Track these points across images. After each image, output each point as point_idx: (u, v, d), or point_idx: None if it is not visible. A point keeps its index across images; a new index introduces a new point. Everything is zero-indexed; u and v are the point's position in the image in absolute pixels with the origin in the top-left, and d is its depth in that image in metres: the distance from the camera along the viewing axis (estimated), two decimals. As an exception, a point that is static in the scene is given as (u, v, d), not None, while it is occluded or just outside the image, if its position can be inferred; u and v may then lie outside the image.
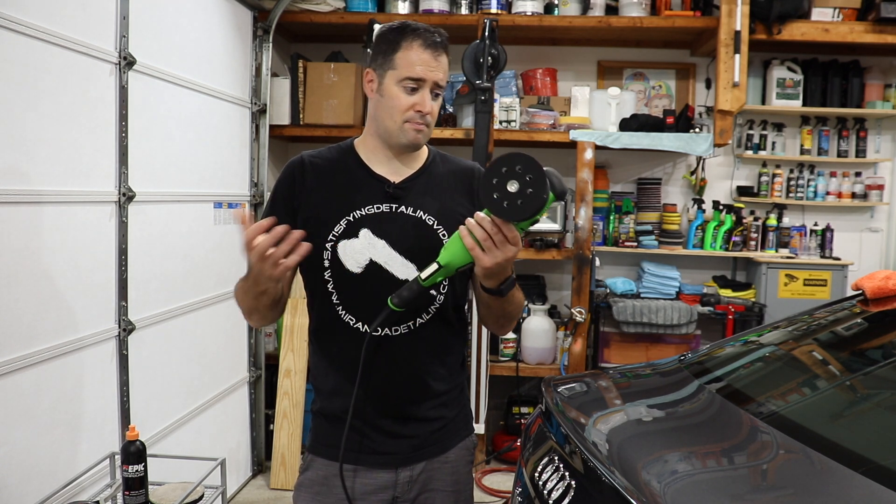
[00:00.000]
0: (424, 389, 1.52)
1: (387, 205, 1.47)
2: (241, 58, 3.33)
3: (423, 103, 1.43)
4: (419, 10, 3.84)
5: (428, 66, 1.43)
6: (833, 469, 1.17)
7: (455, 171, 1.56)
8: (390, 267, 1.45)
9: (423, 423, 1.53)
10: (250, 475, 3.51)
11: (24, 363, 1.92)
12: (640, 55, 4.23)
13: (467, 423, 1.63)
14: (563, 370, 3.67)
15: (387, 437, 1.50)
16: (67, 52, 2.07)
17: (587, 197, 3.64)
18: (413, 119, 1.44)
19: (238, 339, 3.37)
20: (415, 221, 1.48)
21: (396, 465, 1.51)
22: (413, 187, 1.50)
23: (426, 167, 1.54)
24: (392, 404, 1.50)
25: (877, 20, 3.64)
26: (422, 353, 1.50)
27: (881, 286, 1.82)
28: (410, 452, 1.52)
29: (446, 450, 1.56)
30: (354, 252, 1.45)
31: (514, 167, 1.19)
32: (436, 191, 1.51)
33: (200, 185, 2.94)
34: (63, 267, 2.08)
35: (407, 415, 1.51)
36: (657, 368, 1.88)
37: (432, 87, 1.44)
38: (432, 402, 1.53)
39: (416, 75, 1.42)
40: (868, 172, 4.19)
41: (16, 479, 1.90)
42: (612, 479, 1.21)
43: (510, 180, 1.19)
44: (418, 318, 1.48)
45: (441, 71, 1.45)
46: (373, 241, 1.45)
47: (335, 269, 1.46)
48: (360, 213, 1.46)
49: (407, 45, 1.44)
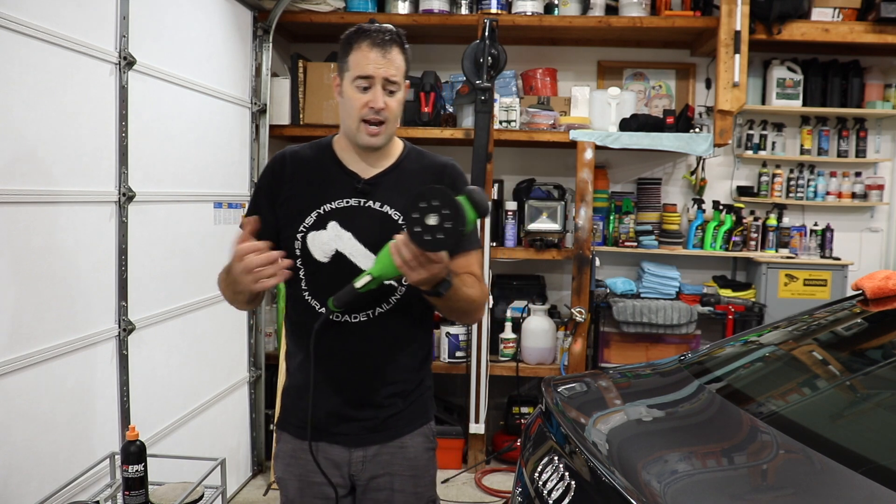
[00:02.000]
0: (380, 376, 1.59)
1: (355, 199, 1.56)
2: (241, 58, 3.33)
3: (374, 100, 1.50)
4: (419, 9, 3.84)
5: (376, 63, 1.49)
6: (833, 469, 1.17)
7: (427, 168, 1.63)
8: (354, 258, 1.54)
9: (377, 409, 1.60)
10: (250, 475, 3.51)
11: (24, 363, 1.92)
12: (640, 55, 4.23)
13: (425, 412, 1.69)
14: (563, 370, 3.67)
15: (341, 419, 1.60)
16: (67, 52, 2.07)
17: (587, 197, 3.64)
18: (367, 116, 1.51)
19: (238, 339, 3.37)
20: (380, 216, 1.56)
21: (349, 445, 1.60)
22: (382, 183, 1.58)
23: (398, 164, 1.61)
24: (347, 388, 1.59)
25: (877, 20, 3.64)
26: (379, 341, 1.58)
27: (881, 286, 1.82)
28: (363, 434, 1.60)
29: (401, 435, 1.63)
30: (322, 243, 1.55)
31: (430, 202, 1.27)
32: (405, 186, 1.57)
33: (200, 185, 2.94)
34: (63, 267, 2.08)
35: (361, 399, 1.59)
36: (657, 368, 1.88)
37: (384, 83, 1.51)
38: (388, 390, 1.60)
39: (364, 73, 1.50)
40: (868, 172, 4.19)
41: (16, 479, 1.90)
42: (612, 479, 1.21)
43: (429, 214, 1.27)
44: (378, 308, 1.56)
45: (392, 67, 1.51)
46: (340, 233, 1.55)
47: (305, 257, 1.56)
48: (330, 206, 1.55)
49: (357, 46, 1.52)
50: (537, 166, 4.17)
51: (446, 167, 1.64)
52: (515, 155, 4.19)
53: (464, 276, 1.56)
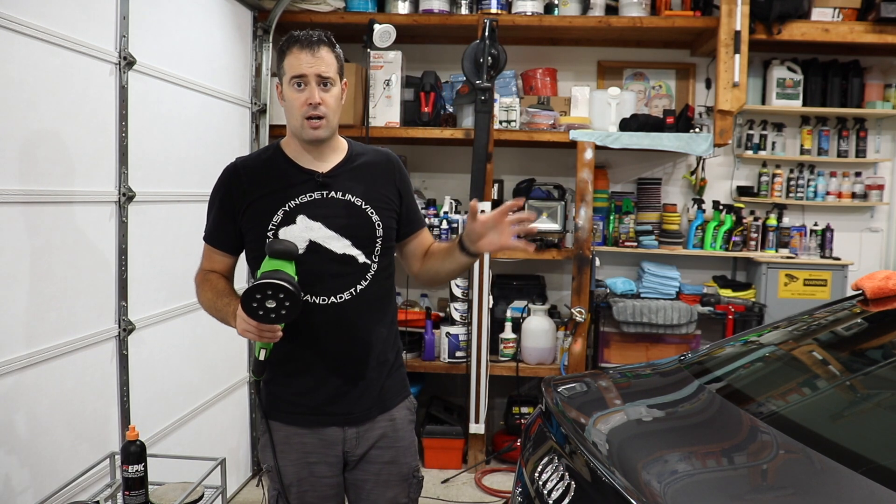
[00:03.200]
0: (369, 350, 1.71)
1: (318, 192, 1.67)
2: (241, 58, 3.33)
3: (311, 96, 1.61)
4: (419, 9, 3.84)
5: (307, 63, 1.61)
6: (833, 469, 1.17)
7: (375, 158, 1.77)
8: (329, 244, 1.65)
9: (368, 382, 1.71)
10: (250, 475, 3.50)
11: (24, 363, 1.92)
12: (640, 55, 4.23)
13: (405, 385, 1.84)
14: (563, 370, 3.67)
15: (336, 398, 1.69)
16: (67, 52, 2.07)
17: (587, 197, 3.64)
18: (307, 113, 1.62)
19: (238, 339, 3.37)
20: (344, 203, 1.68)
21: (343, 424, 1.70)
22: (340, 175, 1.70)
23: (349, 157, 1.74)
24: (341, 365, 1.69)
25: (877, 20, 3.64)
26: (366, 314, 1.70)
27: (881, 286, 1.82)
28: (357, 412, 1.71)
29: (389, 409, 1.76)
30: (294, 236, 1.64)
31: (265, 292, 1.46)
32: (360, 176, 1.72)
33: (200, 185, 2.93)
34: (63, 267, 2.08)
35: (355, 374, 1.70)
36: (657, 368, 1.88)
37: (317, 80, 1.62)
38: (375, 362, 1.72)
39: (296, 73, 1.62)
40: (868, 172, 4.19)
41: (16, 479, 1.90)
42: (612, 479, 1.21)
43: (267, 300, 1.46)
44: (357, 285, 1.68)
45: (322, 64, 1.62)
46: (309, 224, 1.65)
47: None
48: (295, 202, 1.66)
49: (289, 51, 1.65)
50: (537, 166, 4.17)
51: (391, 156, 1.80)
52: (515, 155, 4.19)
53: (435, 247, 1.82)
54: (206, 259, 1.82)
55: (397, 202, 1.76)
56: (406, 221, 1.80)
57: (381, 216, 1.71)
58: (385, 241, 1.72)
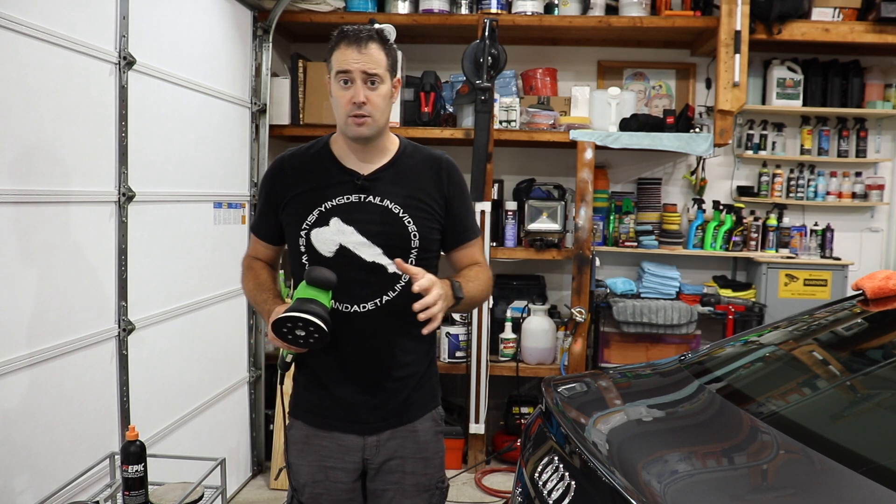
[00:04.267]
0: (391, 361, 1.66)
1: (356, 195, 1.63)
2: (241, 58, 3.33)
3: (355, 94, 1.56)
4: (419, 9, 3.84)
5: (353, 59, 1.56)
6: (833, 469, 1.17)
7: (423, 161, 1.70)
8: (359, 251, 1.61)
9: (389, 394, 1.67)
10: (250, 475, 3.51)
11: (24, 363, 1.92)
12: (640, 55, 4.23)
13: (434, 397, 1.78)
14: (563, 370, 3.67)
15: (355, 406, 1.66)
16: (67, 52, 2.07)
17: (587, 197, 3.64)
18: (352, 112, 1.57)
19: (238, 339, 3.37)
20: (381, 210, 1.62)
21: (363, 433, 1.67)
22: (382, 178, 1.64)
23: (395, 159, 1.68)
24: (361, 375, 1.66)
25: (877, 20, 3.64)
26: (388, 327, 1.64)
27: (881, 286, 1.82)
28: (376, 421, 1.67)
29: (412, 420, 1.71)
30: (325, 239, 1.62)
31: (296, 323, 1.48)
32: (403, 181, 1.65)
33: (200, 185, 2.94)
34: (63, 267, 2.08)
35: (374, 385, 1.66)
36: (657, 368, 1.88)
37: (363, 77, 1.56)
38: (400, 373, 1.68)
39: (342, 68, 1.57)
40: (868, 172, 4.19)
41: (16, 479, 1.90)
42: (612, 479, 1.21)
43: (297, 329, 1.48)
44: (384, 296, 1.63)
45: (370, 61, 1.56)
46: (342, 228, 1.61)
47: (310, 253, 1.64)
48: (331, 203, 1.62)
49: (337, 47, 1.59)
50: (537, 166, 4.17)
51: (441, 161, 1.71)
52: (515, 155, 4.19)
53: (467, 271, 1.72)
54: (252, 246, 1.81)
55: (441, 210, 1.68)
56: (453, 231, 1.71)
57: (418, 225, 1.63)
58: (422, 252, 1.64)
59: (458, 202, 1.71)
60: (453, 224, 1.71)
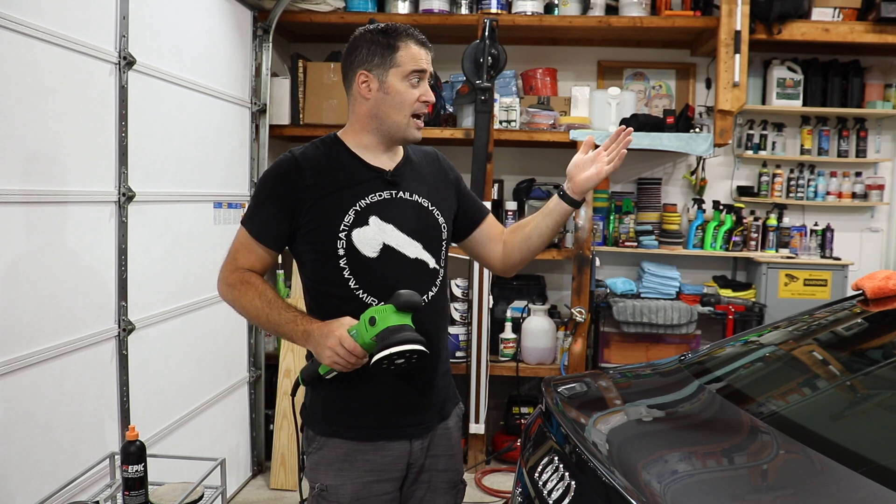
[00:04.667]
0: (437, 357, 1.64)
1: (387, 192, 1.58)
2: (241, 58, 3.33)
3: (427, 93, 1.57)
4: (419, 9, 3.84)
5: (425, 59, 1.57)
6: (833, 469, 1.16)
7: (424, 157, 1.71)
8: (402, 248, 1.57)
9: (437, 391, 1.65)
10: (250, 475, 3.50)
11: (24, 363, 1.92)
12: (640, 55, 4.23)
13: (456, 391, 1.78)
14: (563, 370, 3.67)
15: (405, 408, 1.60)
16: (67, 52, 2.07)
17: (587, 197, 3.63)
18: (420, 110, 1.57)
19: (238, 339, 3.37)
20: (413, 204, 1.61)
21: (411, 436, 1.61)
22: (404, 174, 1.63)
23: (407, 157, 1.67)
24: (412, 376, 1.58)
25: (877, 20, 3.64)
26: (435, 322, 1.63)
27: (881, 286, 1.82)
28: (422, 423, 1.63)
29: (446, 417, 1.70)
30: (368, 238, 1.55)
31: (402, 355, 1.40)
32: (420, 176, 1.66)
33: (200, 185, 2.94)
34: (63, 267, 2.08)
35: (426, 383, 1.62)
36: (657, 368, 1.88)
37: (429, 79, 1.59)
38: (443, 368, 1.68)
39: (419, 67, 1.55)
40: (868, 172, 4.19)
41: (16, 479, 1.90)
42: (612, 479, 1.21)
43: (395, 359, 1.40)
44: (429, 291, 1.61)
45: (430, 63, 1.60)
46: (382, 226, 1.56)
47: (351, 256, 1.54)
48: (366, 201, 1.56)
49: (404, 44, 1.55)
50: (537, 166, 4.17)
51: (436, 153, 1.76)
52: (515, 155, 4.19)
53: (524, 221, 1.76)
54: (244, 253, 1.60)
55: (455, 201, 1.71)
56: (471, 212, 1.74)
57: (445, 218, 1.65)
58: (447, 245, 1.67)
59: (463, 184, 1.76)
60: (468, 204, 1.74)
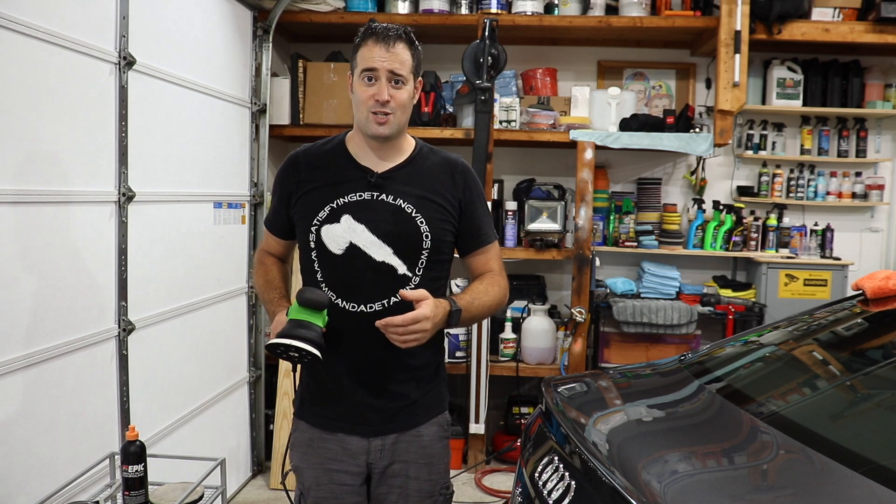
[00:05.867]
0: (397, 363, 1.64)
1: (368, 193, 1.61)
2: (241, 58, 3.33)
3: (379, 92, 1.55)
4: (419, 9, 3.84)
5: (380, 57, 1.54)
6: (833, 469, 1.17)
7: (439, 164, 1.69)
8: (368, 250, 1.60)
9: (394, 397, 1.66)
10: (250, 475, 3.51)
11: (24, 363, 1.92)
12: (640, 55, 4.23)
13: (440, 402, 1.76)
14: (563, 370, 3.67)
15: (359, 407, 1.65)
16: (67, 52, 2.07)
17: (587, 197, 3.64)
18: (373, 109, 1.56)
19: (238, 339, 3.37)
20: (394, 209, 1.61)
21: (368, 435, 1.66)
22: (396, 177, 1.63)
23: (410, 159, 1.66)
24: (365, 376, 1.64)
25: (877, 20, 3.64)
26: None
27: (881, 286, 1.82)
28: (380, 424, 1.66)
29: (418, 425, 1.69)
30: (336, 236, 1.60)
31: (287, 351, 1.49)
32: (417, 181, 1.64)
33: (200, 185, 2.94)
34: (63, 267, 2.08)
35: (379, 387, 1.65)
36: (657, 368, 1.88)
37: (388, 76, 1.55)
38: (404, 376, 1.66)
39: (368, 66, 1.55)
40: (868, 172, 4.19)
41: (16, 479, 1.90)
42: (612, 479, 1.21)
43: (290, 350, 1.48)
44: (392, 297, 1.60)
45: (396, 61, 1.55)
46: (353, 225, 1.60)
47: (319, 250, 1.62)
48: (343, 200, 1.61)
49: (364, 43, 1.57)
50: (537, 166, 4.17)
51: (457, 164, 1.70)
52: (515, 155, 4.19)
53: (478, 284, 1.70)
54: (265, 240, 1.82)
55: (455, 213, 1.66)
56: (468, 236, 1.70)
57: (431, 226, 1.62)
58: (433, 254, 1.63)
59: (472, 206, 1.69)
60: (468, 228, 1.69)
